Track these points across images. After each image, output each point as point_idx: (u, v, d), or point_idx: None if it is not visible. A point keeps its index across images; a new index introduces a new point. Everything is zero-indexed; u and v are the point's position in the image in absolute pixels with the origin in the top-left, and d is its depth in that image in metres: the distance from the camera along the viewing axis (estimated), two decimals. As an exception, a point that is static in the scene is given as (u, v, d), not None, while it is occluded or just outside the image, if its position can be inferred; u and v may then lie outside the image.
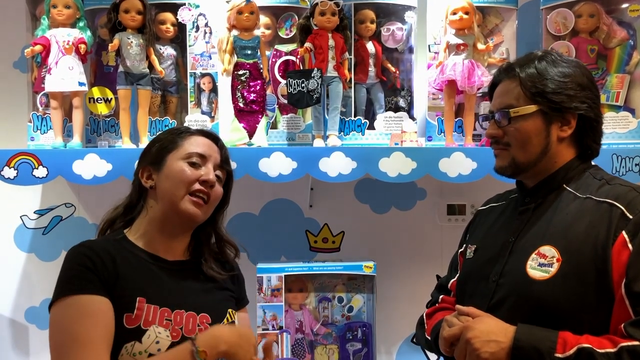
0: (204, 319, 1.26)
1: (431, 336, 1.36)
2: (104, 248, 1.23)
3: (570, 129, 1.24)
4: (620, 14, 2.03)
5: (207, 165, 1.30)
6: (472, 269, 1.34)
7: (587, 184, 1.22)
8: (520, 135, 1.24)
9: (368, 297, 2.07)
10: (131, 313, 1.17)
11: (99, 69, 2.09)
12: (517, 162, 1.26)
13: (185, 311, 1.24)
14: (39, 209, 2.27)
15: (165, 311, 1.21)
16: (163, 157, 1.30)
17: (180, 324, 1.22)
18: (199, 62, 2.05)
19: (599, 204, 1.16)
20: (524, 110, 1.23)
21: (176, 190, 1.27)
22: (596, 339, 1.07)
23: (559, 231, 1.18)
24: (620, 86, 2.00)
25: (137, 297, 1.19)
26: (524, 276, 1.17)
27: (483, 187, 2.16)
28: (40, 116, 2.01)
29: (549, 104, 1.22)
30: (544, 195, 1.26)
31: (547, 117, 1.23)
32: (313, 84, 1.89)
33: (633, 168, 1.89)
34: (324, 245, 2.31)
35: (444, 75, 1.99)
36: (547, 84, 1.22)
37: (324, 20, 1.93)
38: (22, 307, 2.27)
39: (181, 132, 1.35)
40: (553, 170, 1.26)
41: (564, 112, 1.22)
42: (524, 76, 1.24)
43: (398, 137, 2.00)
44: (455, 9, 1.97)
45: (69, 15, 1.91)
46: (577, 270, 1.12)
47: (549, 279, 1.14)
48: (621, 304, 1.08)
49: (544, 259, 1.16)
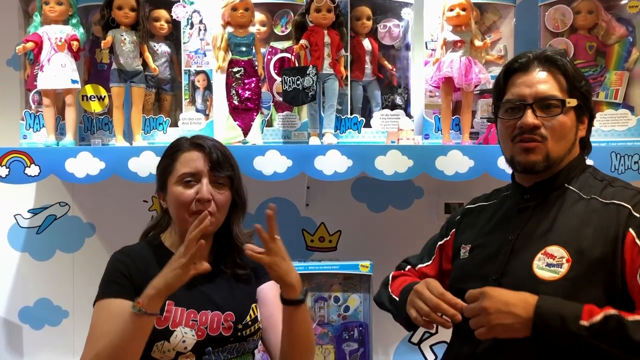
0: (229, 317, 1.36)
1: (400, 297, 1.36)
2: (140, 254, 1.38)
3: (584, 128, 1.26)
4: (619, 10, 2.01)
5: (201, 181, 1.35)
6: (469, 269, 1.32)
7: (590, 185, 1.22)
8: (562, 129, 1.22)
9: (364, 297, 2.05)
10: (161, 315, 1.26)
11: (93, 67, 2.07)
12: (551, 157, 1.22)
13: (211, 311, 1.35)
14: (33, 208, 2.25)
15: (192, 312, 1.33)
16: (165, 182, 1.40)
17: (206, 324, 1.33)
18: (193, 60, 2.03)
19: (606, 205, 1.17)
20: (569, 102, 1.22)
21: (179, 214, 1.36)
22: (622, 310, 1.06)
23: (566, 232, 1.17)
24: (619, 83, 1.98)
25: (167, 301, 1.27)
26: (530, 276, 1.16)
27: (480, 186, 2.13)
28: (32, 114, 1.99)
29: (584, 101, 1.23)
30: (545, 194, 1.25)
31: (578, 114, 1.24)
32: (308, 81, 1.87)
33: (632, 166, 1.87)
34: (320, 245, 2.29)
35: (440, 73, 1.97)
36: (583, 81, 1.24)
37: (320, 17, 1.91)
38: (16, 307, 2.25)
39: (174, 152, 1.40)
40: (557, 169, 1.24)
41: (585, 111, 1.25)
42: (570, 68, 1.23)
43: (395, 135, 1.98)
44: (452, 6, 1.95)
45: (61, 12, 1.89)
46: (587, 271, 1.12)
47: (559, 279, 1.13)
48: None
49: (552, 259, 1.15)
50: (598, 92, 2.00)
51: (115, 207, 2.23)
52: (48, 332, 2.25)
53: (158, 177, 1.43)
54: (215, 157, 1.37)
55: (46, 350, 2.25)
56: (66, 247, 2.26)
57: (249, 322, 1.40)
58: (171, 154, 1.41)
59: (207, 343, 1.32)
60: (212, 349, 1.33)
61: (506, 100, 1.27)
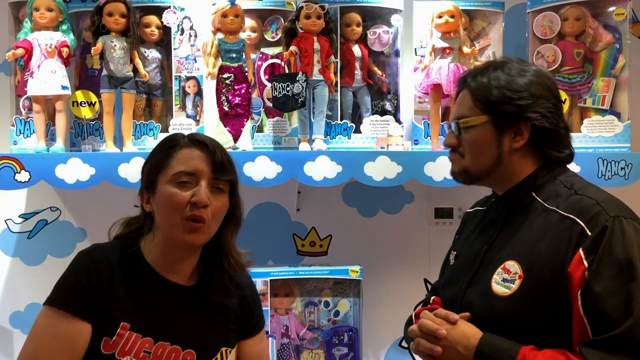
0: (188, 355, 1.18)
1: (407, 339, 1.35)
2: (109, 261, 1.19)
3: (523, 139, 1.19)
4: (607, 17, 2.03)
5: (199, 183, 1.17)
6: (451, 275, 1.34)
7: (557, 193, 1.18)
8: (471, 146, 1.22)
9: (354, 301, 2.06)
10: (110, 338, 1.13)
11: (84, 72, 2.08)
12: (469, 171, 1.24)
13: (170, 344, 1.17)
14: (24, 213, 2.25)
15: (146, 341, 1.15)
16: (154, 179, 1.20)
17: (160, 358, 1.16)
18: (184, 65, 2.04)
19: (563, 219, 1.12)
20: (474, 120, 1.21)
21: (168, 219, 1.17)
22: (553, 355, 1.06)
23: (523, 246, 1.16)
24: (606, 90, 2.00)
25: (121, 322, 1.15)
26: (487, 290, 1.17)
27: (471, 191, 2.12)
28: (23, 120, 1.99)
29: (500, 115, 1.19)
30: (513, 204, 1.24)
31: (498, 128, 1.19)
32: (298, 87, 1.88)
33: (619, 172, 1.88)
34: (311, 249, 2.30)
35: (429, 79, 1.98)
36: (497, 94, 1.18)
37: (310, 23, 1.92)
38: (7, 312, 2.25)
39: (169, 147, 1.21)
40: (515, 179, 1.22)
41: (516, 122, 1.18)
42: (474, 86, 1.22)
43: (384, 141, 1.99)
44: (441, 13, 1.96)
45: (51, 19, 1.89)
46: (536, 289, 1.11)
47: (510, 295, 1.13)
48: (580, 323, 1.06)
49: (508, 274, 1.15)
50: (585, 99, 2.02)
51: (106, 212, 2.21)
52: (39, 337, 2.25)
53: (146, 174, 1.23)
54: (219, 158, 1.19)
55: (37, 355, 2.24)
56: (57, 252, 2.26)
57: None
58: (166, 149, 1.21)
59: None
60: None
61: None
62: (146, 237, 1.25)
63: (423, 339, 1.17)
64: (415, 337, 1.19)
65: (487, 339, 1.12)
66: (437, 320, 1.17)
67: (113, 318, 1.15)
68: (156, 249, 1.23)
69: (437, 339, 1.15)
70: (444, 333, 1.14)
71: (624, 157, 1.89)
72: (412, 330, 1.20)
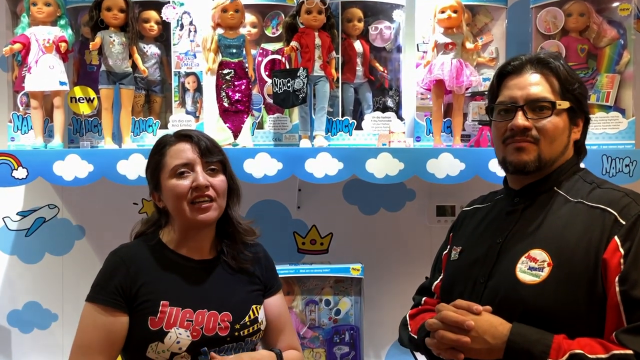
0: (225, 317, 1.35)
1: (419, 335, 1.32)
2: (136, 256, 1.36)
3: (579, 131, 1.26)
4: (611, 12, 2.01)
5: (195, 170, 1.35)
6: (458, 271, 1.32)
7: (578, 188, 1.21)
8: (553, 130, 1.21)
9: (356, 300, 2.04)
10: (155, 316, 1.29)
11: (82, 68, 2.05)
12: (543, 158, 1.21)
13: (208, 310, 1.34)
14: (22, 211, 2.23)
15: (187, 312, 1.32)
16: (158, 180, 1.38)
17: (201, 324, 1.32)
18: (183, 61, 2.02)
19: (591, 209, 1.15)
20: (563, 104, 1.21)
21: (179, 207, 1.34)
22: (589, 343, 1.06)
23: (550, 235, 1.16)
24: (610, 86, 1.97)
25: (161, 301, 1.31)
26: (513, 279, 1.15)
27: (472, 188, 2.13)
28: (20, 116, 1.97)
29: (577, 104, 1.23)
30: (534, 196, 1.24)
31: (571, 117, 1.23)
32: (299, 83, 1.86)
33: (623, 169, 1.86)
34: (312, 247, 2.28)
35: (432, 75, 1.96)
36: (577, 84, 1.23)
37: (311, 18, 1.90)
38: (5, 311, 2.23)
39: (161, 148, 1.39)
40: (548, 171, 1.23)
41: (579, 114, 1.24)
42: (562, 71, 1.22)
43: (386, 138, 1.97)
44: (444, 8, 1.94)
45: (49, 13, 1.87)
46: (568, 276, 1.11)
47: (539, 283, 1.12)
48: (615, 310, 1.06)
49: (534, 262, 1.14)
50: (589, 95, 1.99)
51: (105, 209, 2.21)
52: (37, 336, 2.23)
53: (150, 178, 1.41)
54: (204, 144, 1.37)
55: (35, 354, 2.22)
56: (55, 250, 2.24)
57: (248, 323, 1.38)
58: (159, 150, 1.39)
59: (202, 343, 1.31)
60: (207, 349, 1.31)
61: (499, 102, 1.27)
62: (164, 230, 1.42)
63: (447, 331, 1.14)
64: (437, 329, 1.16)
65: (518, 329, 1.10)
66: (461, 312, 1.15)
67: (152, 300, 1.31)
68: (177, 235, 1.40)
69: (463, 330, 1.12)
70: (472, 324, 1.11)
71: (629, 154, 1.87)
72: (431, 324, 1.17)
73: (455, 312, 1.15)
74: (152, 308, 1.31)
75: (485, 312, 1.15)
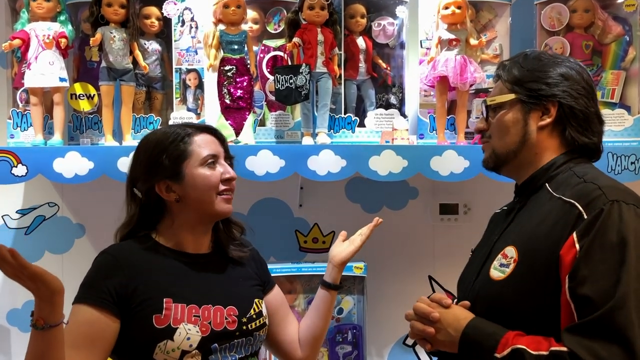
0: (231, 311, 1.32)
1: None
2: (130, 254, 1.31)
3: (550, 117, 1.19)
4: (616, 9, 2.00)
5: (220, 162, 1.35)
6: (464, 271, 1.34)
7: (567, 183, 1.15)
8: (498, 125, 1.23)
9: (358, 299, 2.03)
10: (160, 314, 1.24)
11: (82, 65, 2.04)
12: (497, 153, 1.24)
13: (213, 305, 1.30)
14: (22, 209, 2.21)
15: (192, 308, 1.28)
16: (179, 168, 1.31)
17: (209, 319, 1.28)
18: (184, 58, 2.00)
19: (564, 203, 1.11)
20: (501, 98, 1.22)
21: (206, 197, 1.32)
22: (537, 340, 1.05)
23: (524, 231, 1.16)
24: (615, 83, 1.96)
25: (164, 298, 1.26)
26: (486, 276, 1.17)
27: (476, 186, 2.13)
28: (20, 113, 1.95)
29: (527, 92, 1.19)
30: (528, 195, 1.23)
31: (525, 106, 1.20)
32: (301, 80, 1.84)
33: (629, 166, 1.85)
34: (314, 246, 2.26)
35: (435, 72, 1.95)
36: (525, 73, 1.20)
37: (313, 14, 1.88)
38: (4, 310, 2.21)
39: (183, 137, 1.33)
40: (538, 164, 1.21)
41: (543, 100, 1.18)
42: (505, 70, 1.24)
43: (389, 135, 1.95)
44: (448, 4, 1.93)
45: (49, 9, 1.86)
46: (529, 272, 1.09)
47: (504, 279, 1.13)
48: (567, 307, 1.04)
49: (505, 259, 1.15)
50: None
51: (105, 207, 2.17)
52: (37, 335, 2.21)
53: (167, 165, 1.30)
54: (223, 138, 1.40)
55: (35, 353, 2.21)
56: (55, 248, 2.22)
57: (254, 316, 1.36)
58: (180, 139, 1.32)
59: (212, 339, 1.27)
60: (218, 346, 1.28)
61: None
62: (160, 228, 1.36)
63: (417, 321, 1.19)
64: (411, 320, 1.21)
65: (474, 323, 1.13)
66: (431, 304, 1.19)
67: (154, 297, 1.26)
68: (179, 231, 1.35)
69: (430, 321, 1.16)
70: (437, 316, 1.15)
71: (634, 152, 1.85)
72: (407, 315, 1.22)
73: (425, 305, 1.19)
74: (156, 306, 1.26)
75: (461, 307, 1.17)
